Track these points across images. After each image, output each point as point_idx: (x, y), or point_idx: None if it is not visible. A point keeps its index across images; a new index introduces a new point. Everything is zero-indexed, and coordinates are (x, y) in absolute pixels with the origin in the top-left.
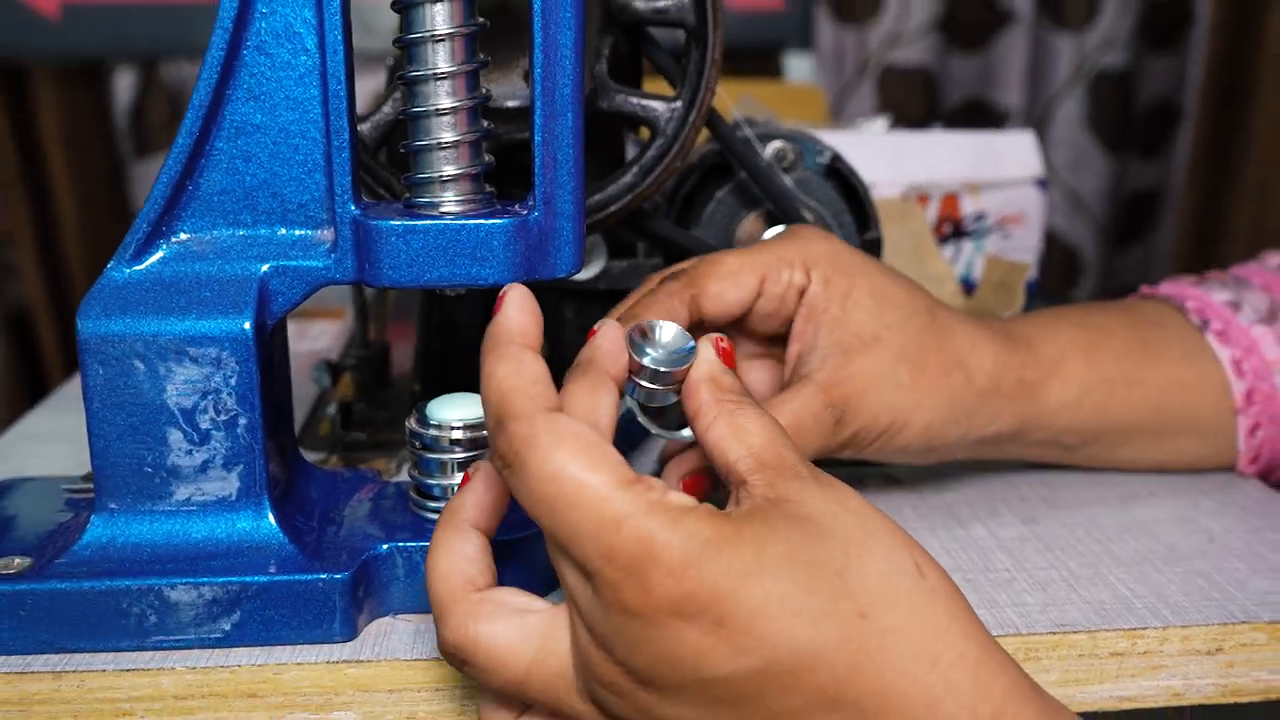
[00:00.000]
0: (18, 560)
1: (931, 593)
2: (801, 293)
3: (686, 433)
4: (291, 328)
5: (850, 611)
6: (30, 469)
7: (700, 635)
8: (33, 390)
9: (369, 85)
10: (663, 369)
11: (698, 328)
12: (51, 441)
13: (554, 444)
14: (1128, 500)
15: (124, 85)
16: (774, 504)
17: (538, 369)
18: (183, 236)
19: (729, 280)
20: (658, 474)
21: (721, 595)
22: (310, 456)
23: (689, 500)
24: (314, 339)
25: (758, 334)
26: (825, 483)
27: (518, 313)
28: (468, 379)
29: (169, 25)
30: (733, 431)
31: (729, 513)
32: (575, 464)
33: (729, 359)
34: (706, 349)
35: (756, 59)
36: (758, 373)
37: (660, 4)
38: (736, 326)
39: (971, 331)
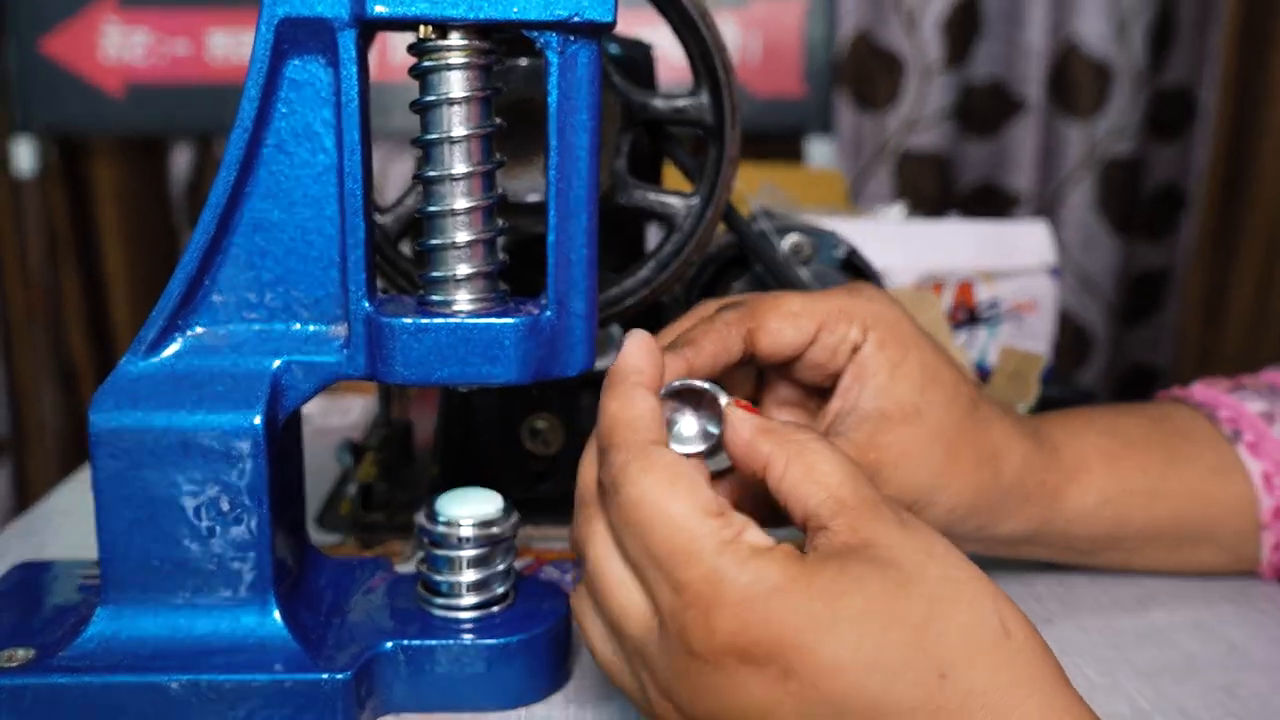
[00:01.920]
0: (20, 652)
1: (1017, 653)
2: (854, 350)
3: (713, 464)
4: (323, 403)
5: (929, 669)
6: (53, 546)
7: (767, 685)
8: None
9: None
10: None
11: (748, 363)
12: (77, 517)
13: (642, 470)
14: (1145, 603)
15: (181, 160)
16: (855, 550)
17: (647, 406)
18: (198, 330)
19: (789, 320)
20: None
21: (789, 644)
22: (329, 538)
23: (766, 540)
24: (344, 414)
25: (798, 381)
26: (910, 526)
27: (636, 353)
28: (485, 462)
29: (226, 105)
30: (806, 473)
31: (806, 557)
32: (658, 490)
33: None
34: (736, 411)
35: (779, 143)
36: (787, 419)
37: (679, 104)
38: (779, 370)
39: (1007, 427)
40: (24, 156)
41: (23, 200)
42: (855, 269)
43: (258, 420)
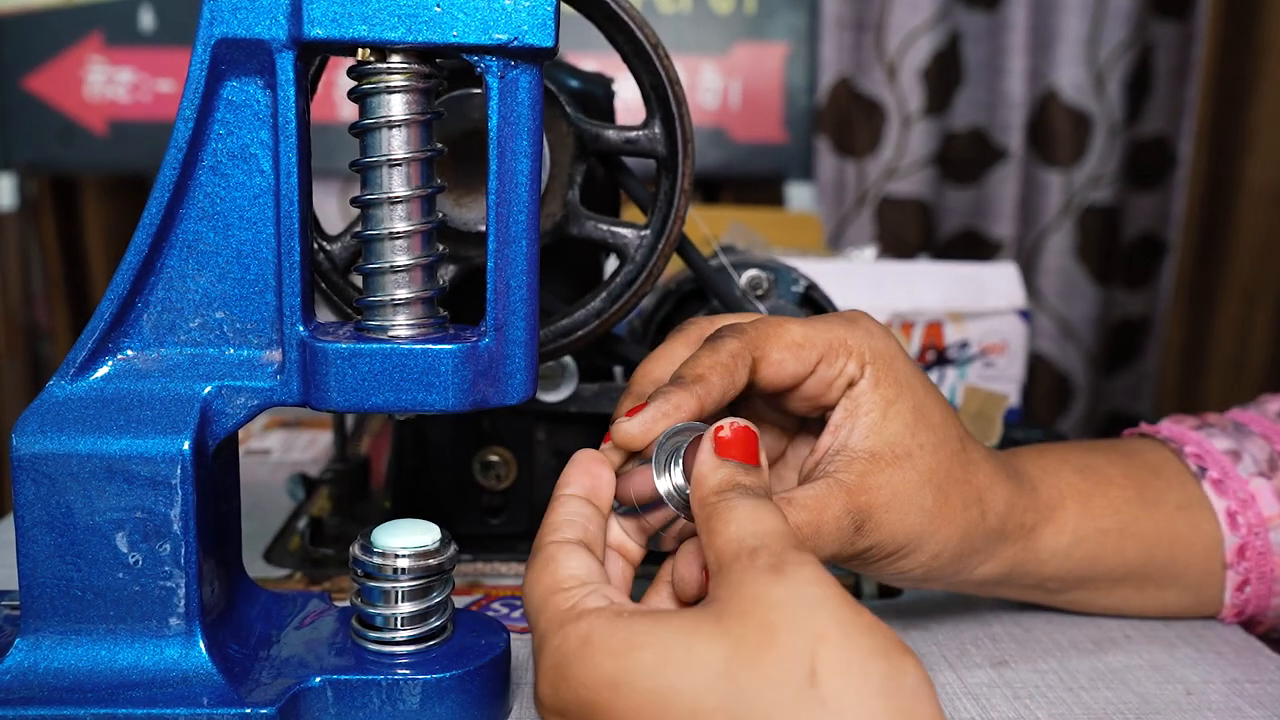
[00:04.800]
0: None
1: (820, 706)
2: (850, 385)
3: None
4: (285, 437)
5: (725, 717)
6: None
7: None
8: None
9: None
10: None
11: (747, 389)
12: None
13: (530, 566)
14: (1102, 644)
15: None
16: (704, 604)
17: (564, 508)
18: (128, 354)
19: (792, 351)
20: None
21: (587, 702)
22: (275, 572)
23: (606, 600)
24: (306, 448)
25: (784, 408)
26: (776, 572)
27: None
28: (438, 496)
29: None
30: (707, 538)
31: (652, 613)
32: (529, 578)
33: (739, 447)
34: (705, 446)
35: (760, 189)
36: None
37: (632, 135)
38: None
39: (991, 468)
40: (4, 192)
41: (3, 235)
42: (814, 303)
43: (186, 446)
